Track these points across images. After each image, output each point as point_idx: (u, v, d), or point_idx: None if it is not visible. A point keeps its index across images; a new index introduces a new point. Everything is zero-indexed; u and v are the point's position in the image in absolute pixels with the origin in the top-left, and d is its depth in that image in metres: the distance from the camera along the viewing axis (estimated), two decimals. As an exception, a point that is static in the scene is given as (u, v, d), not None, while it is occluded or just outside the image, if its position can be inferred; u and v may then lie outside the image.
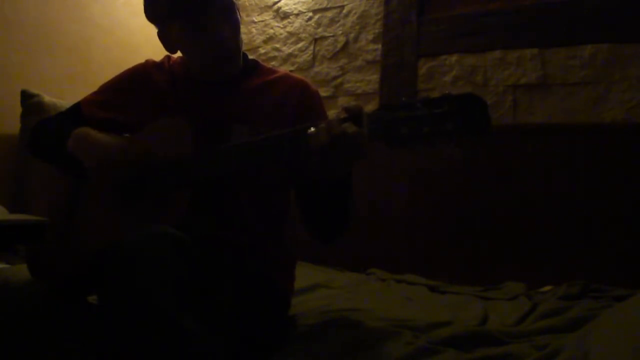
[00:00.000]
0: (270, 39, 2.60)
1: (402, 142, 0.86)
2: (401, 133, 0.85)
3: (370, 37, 2.30)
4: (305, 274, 1.59)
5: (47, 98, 1.95)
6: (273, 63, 2.51)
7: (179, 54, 1.23)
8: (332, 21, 2.41)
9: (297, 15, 2.52)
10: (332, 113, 1.03)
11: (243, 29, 1.18)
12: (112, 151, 1.10)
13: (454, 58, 2.08)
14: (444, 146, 0.84)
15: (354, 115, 0.91)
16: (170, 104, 1.19)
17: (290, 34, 2.54)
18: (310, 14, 2.48)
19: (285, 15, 2.56)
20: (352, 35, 2.35)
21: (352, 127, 0.88)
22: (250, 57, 1.27)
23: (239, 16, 1.16)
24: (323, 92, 2.12)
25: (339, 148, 0.89)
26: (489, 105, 0.84)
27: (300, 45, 2.50)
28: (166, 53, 1.26)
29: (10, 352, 1.05)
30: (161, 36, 1.19)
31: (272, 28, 2.60)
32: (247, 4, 2.67)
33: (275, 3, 2.59)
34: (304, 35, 2.49)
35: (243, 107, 1.19)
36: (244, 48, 1.22)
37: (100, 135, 1.13)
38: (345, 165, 0.95)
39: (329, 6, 2.43)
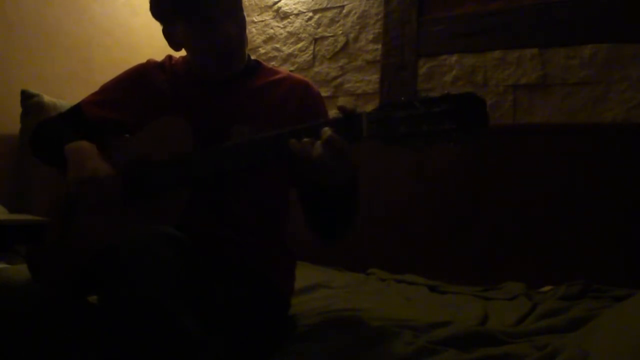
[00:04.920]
0: (270, 39, 2.60)
1: (401, 141, 0.86)
2: (400, 132, 0.86)
3: (370, 37, 2.30)
4: (305, 274, 1.59)
5: (47, 98, 1.95)
6: (273, 63, 2.51)
7: (180, 53, 1.23)
8: (332, 21, 2.41)
9: (297, 15, 2.52)
10: (332, 113, 1.03)
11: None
12: (98, 179, 1.06)
13: (454, 58, 2.08)
14: (442, 145, 0.85)
15: (348, 116, 0.91)
16: (171, 103, 1.19)
17: (290, 34, 2.54)
18: (310, 14, 2.48)
19: (285, 15, 2.56)
20: (352, 35, 2.35)
21: (334, 144, 0.89)
22: (251, 57, 1.27)
23: (244, 14, 1.16)
24: (323, 92, 2.11)
25: (323, 163, 0.90)
26: (487, 105, 0.84)
27: (300, 45, 2.50)
28: (167, 53, 1.26)
29: (11, 352, 1.05)
30: (166, 34, 1.19)
31: (272, 28, 2.60)
32: (247, 4, 2.66)
33: (275, 3, 2.59)
34: (304, 35, 2.49)
35: (244, 107, 1.19)
36: (247, 47, 1.22)
37: (98, 159, 1.09)
38: (335, 173, 0.94)
39: (329, 6, 2.43)
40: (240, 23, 1.15)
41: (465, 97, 0.84)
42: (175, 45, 1.20)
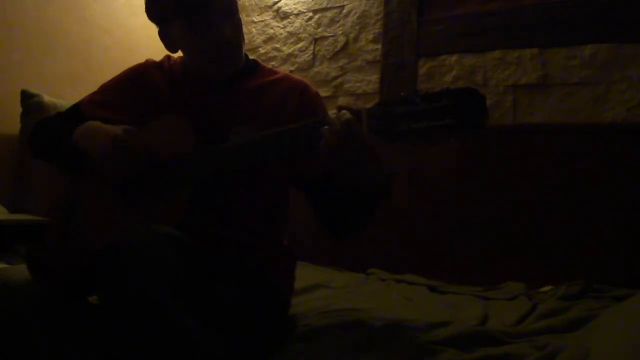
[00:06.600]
0: (270, 39, 2.60)
1: (401, 138, 0.86)
2: (400, 128, 0.86)
3: (370, 37, 2.30)
4: (305, 274, 1.59)
5: (47, 98, 1.95)
6: (273, 63, 2.51)
7: (179, 54, 1.23)
8: (332, 21, 2.41)
9: (297, 15, 2.52)
10: (332, 113, 1.03)
11: (243, 29, 1.18)
12: (120, 138, 1.07)
13: (454, 58, 2.08)
14: (442, 141, 0.84)
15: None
16: (169, 103, 1.19)
17: (290, 34, 2.54)
18: (310, 14, 2.48)
19: (285, 15, 2.56)
20: (352, 35, 2.35)
21: (353, 124, 0.89)
22: (251, 57, 1.27)
23: (240, 16, 1.16)
24: (323, 92, 2.12)
25: (343, 146, 0.90)
26: (486, 99, 0.84)
27: (300, 45, 2.50)
28: (166, 53, 1.26)
29: (11, 352, 1.05)
30: (162, 35, 1.19)
31: (272, 28, 2.60)
32: (247, 4, 2.67)
33: (275, 3, 2.59)
34: (304, 35, 2.49)
35: (242, 108, 1.19)
36: (244, 48, 1.22)
37: (109, 125, 1.11)
38: (355, 163, 0.95)
39: (329, 6, 2.43)
40: (236, 24, 1.15)
41: (465, 92, 0.84)
42: (171, 46, 1.20)
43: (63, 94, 2.03)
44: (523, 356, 1.00)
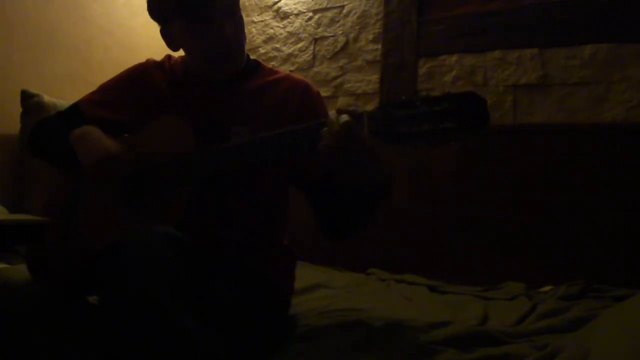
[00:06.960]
0: (270, 39, 2.60)
1: (402, 140, 0.87)
2: (400, 131, 0.86)
3: (370, 37, 2.30)
4: (305, 274, 1.59)
5: (47, 98, 1.95)
6: (273, 63, 2.51)
7: (179, 53, 1.23)
8: (332, 21, 2.41)
9: (297, 15, 2.52)
10: (332, 114, 1.03)
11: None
12: (111, 155, 1.08)
13: (454, 58, 2.08)
14: (443, 144, 0.85)
15: (350, 115, 0.91)
16: (169, 103, 1.19)
17: (290, 34, 2.54)
18: (310, 14, 2.48)
19: (285, 15, 2.56)
20: (352, 35, 2.35)
21: (353, 126, 0.89)
22: (251, 57, 1.27)
23: (242, 14, 1.16)
24: (323, 92, 2.12)
25: (343, 147, 0.90)
26: (488, 103, 0.84)
27: (300, 45, 2.50)
28: (166, 53, 1.26)
29: (11, 352, 1.05)
30: (164, 34, 1.19)
31: (272, 28, 2.60)
32: (247, 4, 2.67)
33: (275, 3, 2.59)
34: (304, 35, 2.49)
35: (243, 108, 1.19)
36: (246, 48, 1.21)
37: (106, 138, 1.11)
38: (355, 164, 0.95)
39: (329, 6, 2.43)
40: (238, 23, 1.15)
41: (466, 96, 0.84)
42: (173, 45, 1.20)
43: (63, 94, 2.03)
44: (523, 356, 1.00)
